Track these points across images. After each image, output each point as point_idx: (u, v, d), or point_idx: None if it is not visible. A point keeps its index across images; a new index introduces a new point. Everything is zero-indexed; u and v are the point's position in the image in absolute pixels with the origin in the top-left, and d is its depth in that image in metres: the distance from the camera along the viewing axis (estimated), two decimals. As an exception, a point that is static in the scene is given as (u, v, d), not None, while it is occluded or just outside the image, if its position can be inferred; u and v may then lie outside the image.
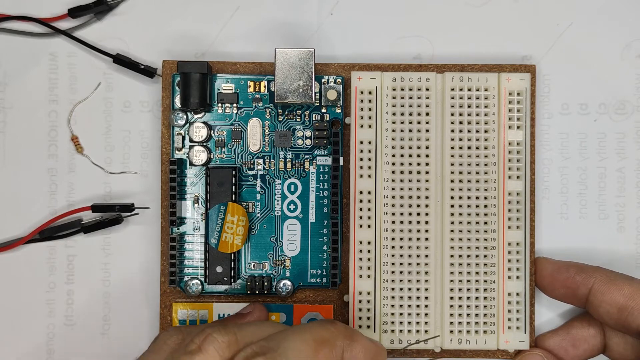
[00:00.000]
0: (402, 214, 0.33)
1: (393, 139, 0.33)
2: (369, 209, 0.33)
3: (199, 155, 0.34)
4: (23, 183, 0.35)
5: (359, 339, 0.28)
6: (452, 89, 0.33)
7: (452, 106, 0.33)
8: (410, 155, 0.33)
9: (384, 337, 0.33)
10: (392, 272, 0.33)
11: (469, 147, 0.33)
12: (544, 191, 0.36)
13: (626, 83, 0.36)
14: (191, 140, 0.34)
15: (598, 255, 0.35)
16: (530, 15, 0.36)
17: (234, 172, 0.34)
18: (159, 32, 0.36)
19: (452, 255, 0.33)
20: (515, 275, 0.33)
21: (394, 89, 0.33)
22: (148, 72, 0.35)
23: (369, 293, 0.33)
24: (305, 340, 0.26)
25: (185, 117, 0.34)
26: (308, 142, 0.34)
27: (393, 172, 0.33)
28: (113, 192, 0.35)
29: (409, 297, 0.33)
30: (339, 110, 0.34)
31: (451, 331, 0.33)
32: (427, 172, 0.33)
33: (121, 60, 0.35)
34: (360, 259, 0.33)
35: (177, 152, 0.34)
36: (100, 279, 0.35)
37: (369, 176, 0.33)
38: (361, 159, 0.33)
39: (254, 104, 0.34)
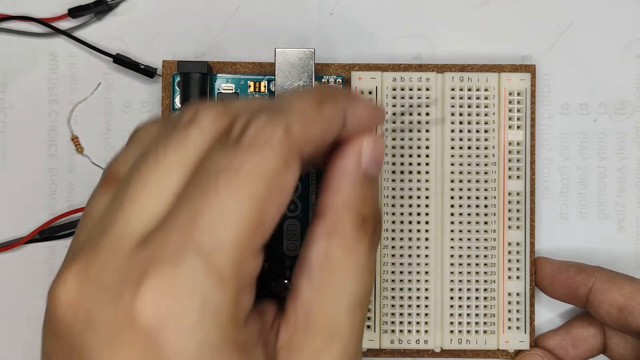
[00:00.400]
0: (402, 214, 0.33)
1: (393, 139, 0.33)
2: (369, 209, 0.33)
3: (199, 155, 0.34)
4: (23, 183, 0.35)
5: (358, 97, 0.26)
6: (452, 89, 0.33)
7: (452, 106, 0.33)
8: (410, 155, 0.33)
9: (384, 337, 0.33)
10: (392, 272, 0.33)
11: (469, 147, 0.33)
12: (544, 191, 0.36)
13: (626, 83, 0.36)
14: (191, 140, 0.34)
15: (598, 255, 0.35)
16: (530, 15, 0.36)
17: (234, 172, 0.34)
18: (159, 32, 0.36)
19: (452, 255, 0.33)
20: (515, 275, 0.33)
21: (394, 89, 0.33)
22: (148, 72, 0.35)
23: (369, 293, 0.33)
24: (308, 99, 0.23)
25: (185, 117, 0.34)
26: (308, 142, 0.34)
27: (393, 172, 0.33)
28: (113, 192, 0.35)
29: (409, 297, 0.33)
30: (339, 110, 0.34)
31: (451, 331, 0.33)
32: (427, 172, 0.33)
33: (121, 60, 0.35)
34: (360, 259, 0.33)
35: (177, 152, 0.34)
36: (100, 279, 0.35)
37: (369, 176, 0.33)
38: (361, 159, 0.33)
39: (254, 104, 0.34)
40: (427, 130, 0.33)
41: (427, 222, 0.33)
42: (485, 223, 0.33)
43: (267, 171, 0.21)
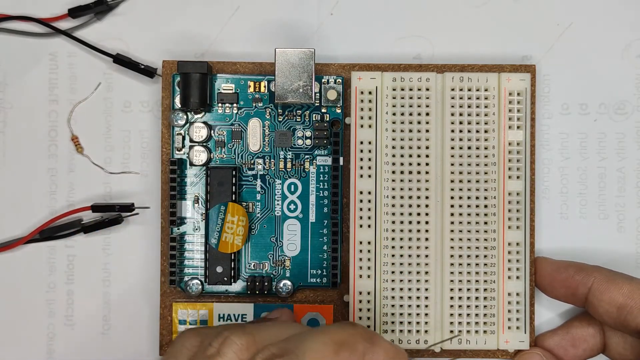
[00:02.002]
0: (402, 214, 0.33)
1: (393, 139, 0.33)
2: (369, 209, 0.33)
3: (199, 155, 0.34)
4: (23, 183, 0.35)
5: (379, 342, 0.27)
6: (452, 89, 0.33)
7: (452, 106, 0.33)
8: (410, 155, 0.33)
9: (384, 337, 0.33)
10: (392, 272, 0.33)
11: (469, 147, 0.33)
12: (544, 191, 0.36)
13: (626, 83, 0.36)
14: (191, 140, 0.34)
15: (598, 255, 0.35)
16: (530, 15, 0.36)
17: (234, 172, 0.34)
18: (159, 32, 0.36)
19: (452, 255, 0.33)
20: (515, 275, 0.33)
21: (394, 89, 0.33)
22: (148, 72, 0.35)
23: (369, 293, 0.33)
24: (325, 342, 0.25)
25: (185, 117, 0.34)
26: (308, 142, 0.34)
27: (393, 172, 0.33)
28: (113, 192, 0.35)
29: (409, 297, 0.33)
30: (339, 110, 0.34)
31: (451, 331, 0.33)
32: (427, 172, 0.33)
33: (121, 60, 0.35)
34: (360, 259, 0.33)
35: (177, 152, 0.34)
36: (100, 279, 0.35)
37: (369, 176, 0.33)
38: (361, 159, 0.33)
39: (254, 104, 0.34)
40: (427, 131, 0.33)
41: (427, 222, 0.33)
42: (485, 223, 0.33)
43: None
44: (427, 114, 0.33)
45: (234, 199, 0.33)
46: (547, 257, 0.34)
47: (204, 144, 0.34)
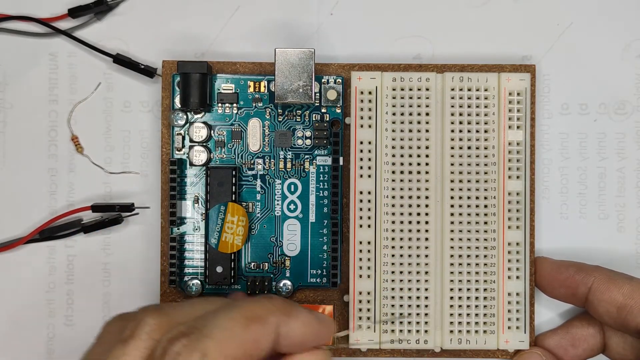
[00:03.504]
0: (402, 214, 0.33)
1: (393, 139, 0.33)
2: (369, 209, 0.33)
3: (199, 155, 0.34)
4: (23, 183, 0.35)
5: (297, 314, 0.26)
6: (452, 89, 0.33)
7: (452, 106, 0.33)
8: (410, 155, 0.33)
9: (384, 337, 0.33)
10: (392, 272, 0.33)
11: (469, 147, 0.33)
12: (544, 191, 0.36)
13: (626, 83, 0.36)
14: (191, 140, 0.34)
15: (598, 255, 0.35)
16: (530, 15, 0.36)
17: (234, 172, 0.34)
18: (159, 32, 0.36)
19: (452, 255, 0.33)
20: (515, 275, 0.33)
21: (394, 89, 0.33)
22: (148, 72, 0.35)
23: (369, 293, 0.33)
24: (234, 318, 0.25)
25: (185, 117, 0.34)
26: (308, 142, 0.34)
27: (393, 172, 0.33)
28: (113, 192, 0.35)
29: (409, 297, 0.33)
30: (339, 110, 0.34)
31: (451, 331, 0.33)
32: (427, 172, 0.33)
33: (121, 60, 0.35)
34: (360, 259, 0.33)
35: (177, 152, 0.34)
36: (100, 279, 0.35)
37: (369, 176, 0.33)
38: (361, 159, 0.33)
39: (254, 104, 0.34)
40: (427, 131, 0.33)
41: (427, 222, 0.33)
42: (485, 223, 0.33)
43: None
44: (427, 114, 0.33)
45: (234, 199, 0.33)
46: (547, 257, 0.34)
47: (204, 144, 0.34)
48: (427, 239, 0.33)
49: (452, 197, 0.33)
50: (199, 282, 0.34)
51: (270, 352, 0.26)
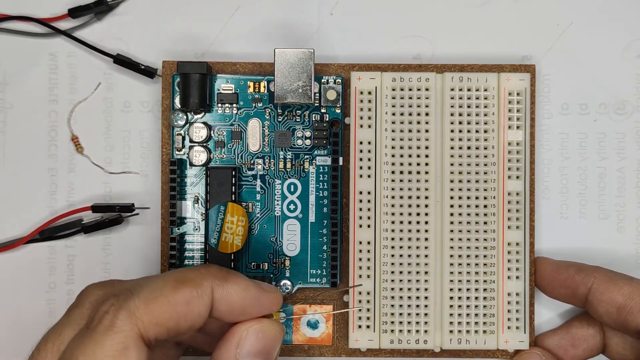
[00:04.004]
0: (402, 214, 0.33)
1: (393, 139, 0.33)
2: (369, 209, 0.33)
3: (199, 156, 0.34)
4: (23, 183, 0.35)
5: (235, 280, 0.26)
6: (452, 89, 0.33)
7: (452, 106, 0.33)
8: (410, 155, 0.33)
9: (384, 337, 0.33)
10: (392, 272, 0.33)
11: (468, 147, 0.33)
12: (544, 191, 0.36)
13: (626, 83, 0.36)
14: (191, 141, 0.34)
15: (598, 255, 0.35)
16: (530, 15, 0.36)
17: (233, 172, 0.34)
18: (159, 32, 0.36)
19: (452, 255, 0.33)
20: (515, 275, 0.33)
21: (393, 89, 0.33)
22: (148, 72, 0.35)
23: (368, 293, 0.33)
24: (166, 279, 0.26)
25: (185, 117, 0.34)
26: (308, 142, 0.34)
27: (393, 172, 0.33)
28: (113, 192, 0.35)
29: (409, 297, 0.33)
30: (338, 111, 0.34)
31: (451, 331, 0.33)
32: (427, 172, 0.33)
33: (121, 61, 0.35)
34: (360, 259, 0.33)
35: (177, 152, 0.34)
36: (100, 279, 0.35)
37: (369, 176, 0.33)
38: (361, 159, 0.33)
39: (253, 104, 0.34)
40: (427, 131, 0.33)
41: (426, 222, 0.33)
42: (485, 223, 0.33)
43: (106, 357, 0.24)
44: (427, 114, 0.33)
45: (233, 199, 0.33)
46: (547, 257, 0.34)
47: (204, 144, 0.34)
48: (426, 239, 0.33)
49: (451, 197, 0.33)
50: (198, 282, 0.34)
51: (211, 319, 0.26)
